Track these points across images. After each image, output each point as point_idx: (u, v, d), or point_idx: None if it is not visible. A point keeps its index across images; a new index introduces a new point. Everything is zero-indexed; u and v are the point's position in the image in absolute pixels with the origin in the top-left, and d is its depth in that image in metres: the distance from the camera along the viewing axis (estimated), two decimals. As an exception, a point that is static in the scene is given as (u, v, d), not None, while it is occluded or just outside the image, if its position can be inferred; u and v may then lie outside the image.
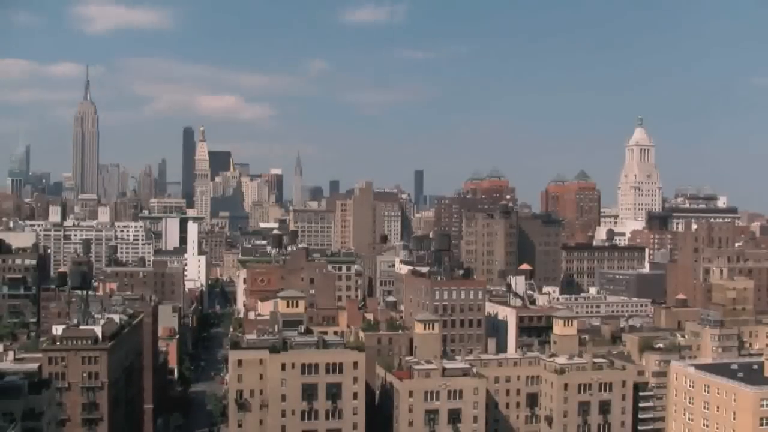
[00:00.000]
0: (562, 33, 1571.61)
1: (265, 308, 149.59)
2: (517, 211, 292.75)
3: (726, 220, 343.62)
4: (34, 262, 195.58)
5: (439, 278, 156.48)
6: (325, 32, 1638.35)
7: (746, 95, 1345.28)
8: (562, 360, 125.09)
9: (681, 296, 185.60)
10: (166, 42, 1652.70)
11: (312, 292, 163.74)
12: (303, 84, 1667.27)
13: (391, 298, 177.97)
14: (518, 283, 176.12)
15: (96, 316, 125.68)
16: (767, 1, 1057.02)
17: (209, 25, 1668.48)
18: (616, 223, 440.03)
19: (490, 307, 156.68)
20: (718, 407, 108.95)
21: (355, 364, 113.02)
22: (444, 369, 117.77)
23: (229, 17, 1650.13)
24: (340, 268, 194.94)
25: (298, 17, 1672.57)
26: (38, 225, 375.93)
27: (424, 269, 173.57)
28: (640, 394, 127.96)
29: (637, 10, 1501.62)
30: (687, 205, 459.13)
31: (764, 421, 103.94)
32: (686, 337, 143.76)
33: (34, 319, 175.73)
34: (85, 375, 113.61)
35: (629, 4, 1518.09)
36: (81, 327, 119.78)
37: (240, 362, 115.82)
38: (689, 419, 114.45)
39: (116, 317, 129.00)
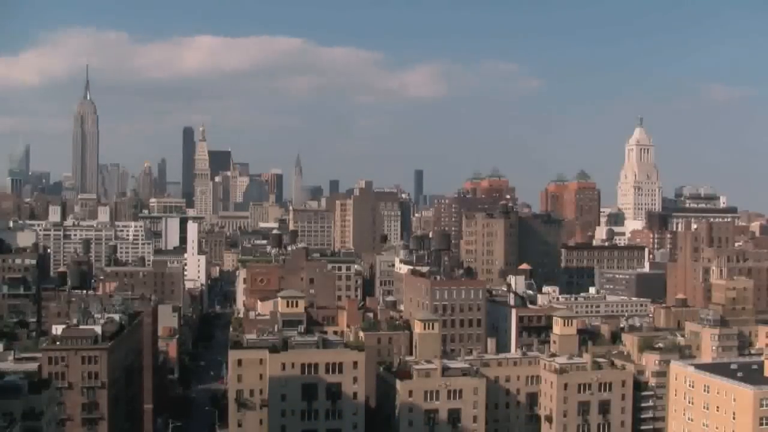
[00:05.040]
0: (562, 32, 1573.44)
1: (264, 308, 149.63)
2: (517, 210, 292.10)
3: (726, 219, 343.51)
4: (34, 261, 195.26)
5: (438, 278, 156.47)
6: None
7: (746, 94, 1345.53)
8: (562, 360, 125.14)
9: (681, 296, 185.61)
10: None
11: (312, 291, 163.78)
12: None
13: (390, 298, 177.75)
14: (518, 282, 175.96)
15: (96, 316, 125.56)
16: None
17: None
18: (616, 221, 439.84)
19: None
20: (717, 407, 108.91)
21: (355, 363, 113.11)
22: (444, 369, 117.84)
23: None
24: (340, 268, 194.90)
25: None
26: (38, 225, 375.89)
27: (424, 269, 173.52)
28: (640, 393, 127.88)
29: (637, 11, 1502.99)
30: (687, 205, 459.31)
31: (764, 421, 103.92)
32: (686, 336, 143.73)
33: (34, 319, 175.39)
34: (85, 375, 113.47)
35: (630, 4, 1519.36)
36: (81, 327, 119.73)
37: (240, 362, 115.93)
38: (689, 419, 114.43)
39: (116, 317, 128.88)
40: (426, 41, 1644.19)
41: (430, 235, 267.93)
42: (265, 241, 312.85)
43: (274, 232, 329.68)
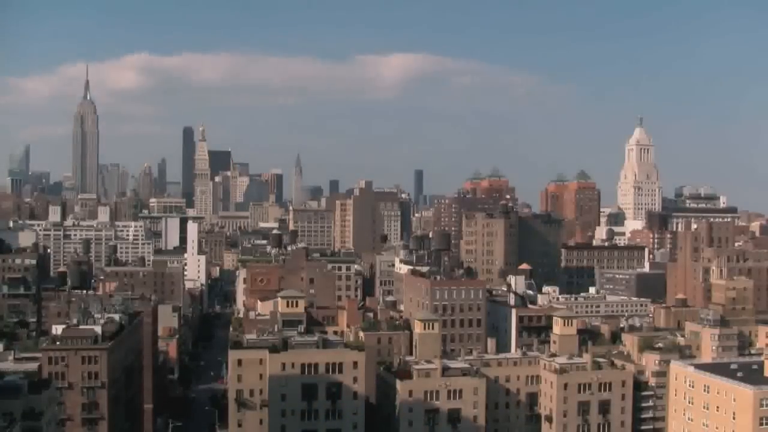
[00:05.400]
0: (562, 32, 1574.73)
1: (264, 308, 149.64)
2: (517, 210, 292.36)
3: (726, 219, 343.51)
4: (34, 261, 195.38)
5: (438, 278, 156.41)
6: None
7: (746, 95, 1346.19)
8: (562, 360, 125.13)
9: (681, 296, 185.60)
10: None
11: (312, 291, 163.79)
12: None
13: (390, 298, 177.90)
14: (518, 282, 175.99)
15: (96, 316, 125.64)
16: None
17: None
18: (616, 221, 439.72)
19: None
20: (717, 407, 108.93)
21: (355, 363, 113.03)
22: (444, 369, 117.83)
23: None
24: (340, 268, 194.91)
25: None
26: (38, 225, 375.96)
27: (424, 269, 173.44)
28: (640, 393, 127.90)
29: (637, 10, 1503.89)
30: (687, 205, 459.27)
31: (764, 421, 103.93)
32: (686, 336, 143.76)
33: (34, 319, 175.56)
34: (85, 375, 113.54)
35: (629, 4, 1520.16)
36: (81, 327, 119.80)
37: (240, 362, 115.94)
38: (689, 419, 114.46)
39: (116, 317, 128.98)
40: (406, 34, 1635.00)
41: (430, 235, 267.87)
42: (265, 241, 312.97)
43: (274, 232, 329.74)
